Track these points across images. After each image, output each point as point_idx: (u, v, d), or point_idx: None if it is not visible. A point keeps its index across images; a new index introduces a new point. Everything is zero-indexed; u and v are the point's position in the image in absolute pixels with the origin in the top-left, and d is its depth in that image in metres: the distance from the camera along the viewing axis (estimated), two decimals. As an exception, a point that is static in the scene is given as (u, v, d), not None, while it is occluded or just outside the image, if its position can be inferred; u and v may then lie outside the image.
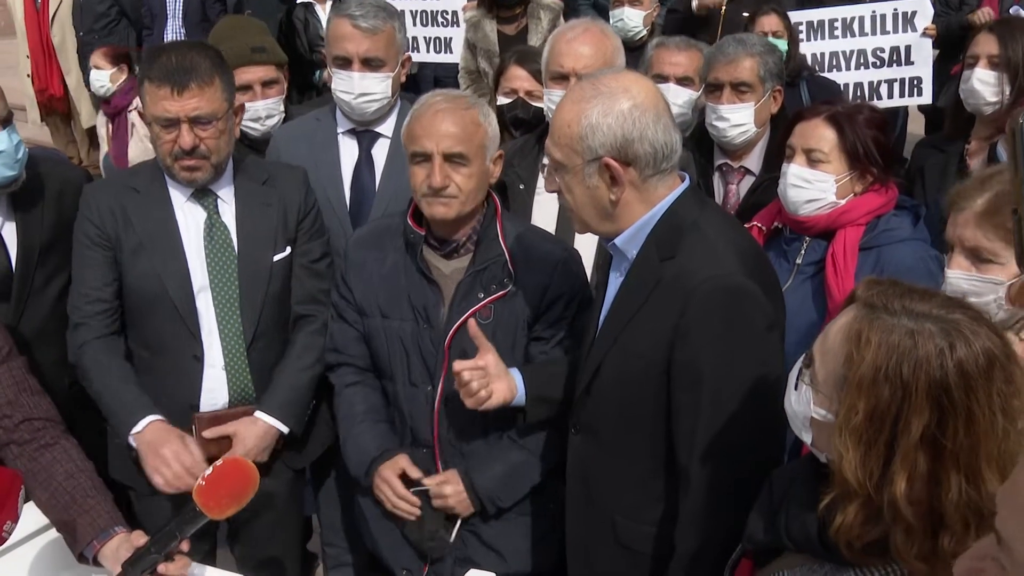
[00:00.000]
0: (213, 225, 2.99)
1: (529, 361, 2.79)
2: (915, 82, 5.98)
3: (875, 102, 5.60)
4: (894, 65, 5.99)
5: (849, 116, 2.92)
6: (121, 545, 2.35)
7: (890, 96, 6.00)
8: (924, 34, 5.96)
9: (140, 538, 2.35)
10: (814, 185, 2.91)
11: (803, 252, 3.02)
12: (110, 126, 7.02)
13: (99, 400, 2.95)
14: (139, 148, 6.38)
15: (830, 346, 1.69)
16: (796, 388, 1.76)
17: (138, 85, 2.95)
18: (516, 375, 2.66)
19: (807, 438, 1.76)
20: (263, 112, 3.83)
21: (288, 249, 3.08)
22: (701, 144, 3.85)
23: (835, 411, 1.65)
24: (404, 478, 2.82)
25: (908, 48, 5.96)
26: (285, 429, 3.06)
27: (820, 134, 2.92)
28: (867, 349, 1.60)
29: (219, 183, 3.01)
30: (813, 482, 1.78)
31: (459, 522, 2.85)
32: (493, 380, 2.60)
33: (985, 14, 6.17)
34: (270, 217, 3.05)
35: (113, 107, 6.92)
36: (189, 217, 2.98)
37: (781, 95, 3.77)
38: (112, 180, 3.15)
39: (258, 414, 3.03)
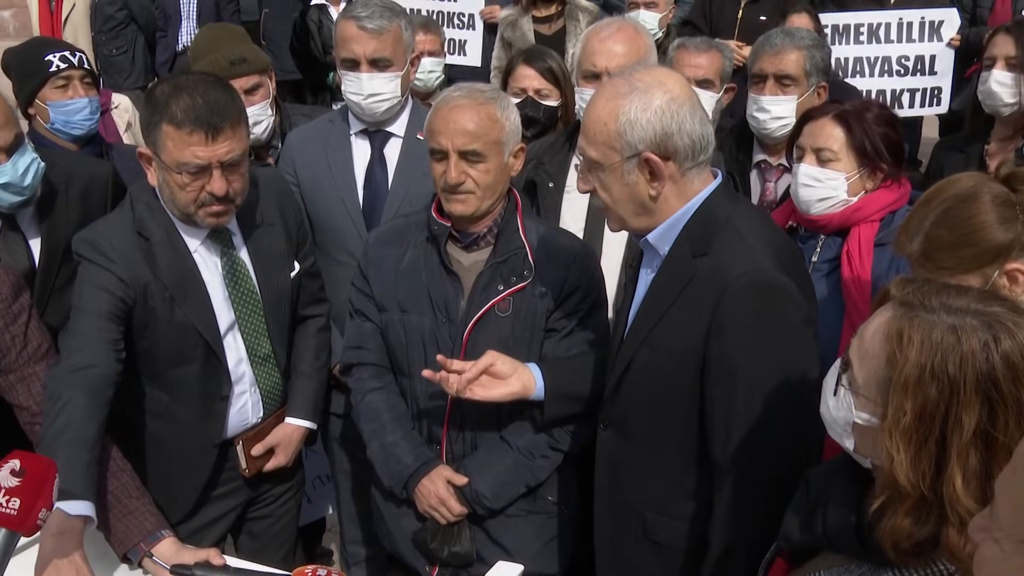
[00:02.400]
0: (232, 262, 2.90)
1: (543, 354, 2.78)
2: (935, 92, 5.99)
3: (895, 111, 5.61)
4: (917, 74, 6.00)
5: (857, 114, 2.94)
6: (180, 551, 2.38)
7: (911, 106, 6.01)
8: (949, 44, 5.95)
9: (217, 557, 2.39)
10: (825, 183, 2.93)
11: (818, 250, 3.03)
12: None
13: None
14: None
15: (868, 348, 1.66)
16: (835, 394, 1.74)
17: (146, 126, 2.69)
18: (535, 370, 2.66)
19: (849, 444, 1.74)
20: (249, 119, 3.74)
21: (297, 266, 3.10)
22: (741, 140, 3.84)
23: (880, 414, 1.62)
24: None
25: (933, 58, 5.96)
26: (314, 426, 3.18)
27: (828, 132, 2.94)
28: (910, 348, 1.58)
29: None
30: (851, 481, 1.77)
31: (468, 528, 2.85)
32: (501, 380, 2.62)
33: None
34: (277, 238, 3.02)
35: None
36: (207, 259, 2.86)
37: (826, 91, 3.74)
38: (116, 224, 2.81)
39: (290, 420, 3.12)
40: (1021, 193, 2.29)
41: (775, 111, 3.64)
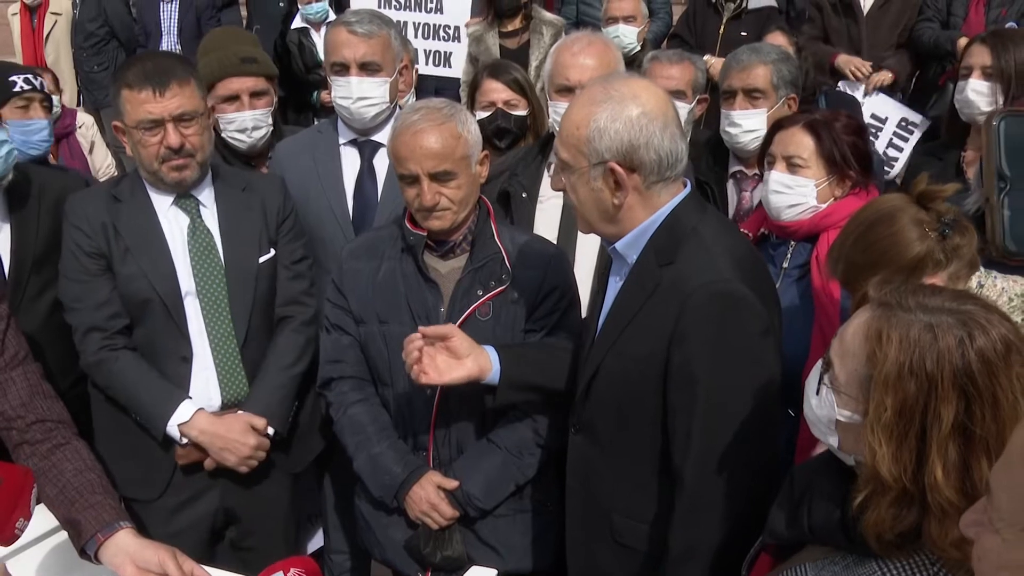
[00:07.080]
0: (196, 229, 3.04)
1: None
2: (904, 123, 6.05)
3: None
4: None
5: (826, 123, 3.00)
6: (128, 543, 2.32)
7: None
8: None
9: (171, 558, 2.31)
10: (795, 190, 2.99)
11: (789, 256, 3.09)
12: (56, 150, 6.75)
13: (133, 397, 3.03)
14: (101, 155, 6.38)
15: (849, 348, 1.70)
16: (817, 393, 1.77)
17: (113, 97, 2.99)
18: (492, 354, 2.65)
19: (833, 442, 1.77)
20: (250, 123, 3.69)
21: (272, 251, 3.14)
22: (716, 152, 3.90)
23: (862, 411, 1.66)
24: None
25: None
26: (262, 423, 3.09)
27: (799, 141, 3.00)
28: (889, 346, 1.61)
29: (199, 188, 3.06)
30: (835, 476, 1.80)
31: (459, 532, 2.86)
32: (458, 361, 2.60)
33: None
34: (253, 220, 3.11)
35: (62, 128, 6.37)
36: (173, 223, 3.03)
37: (796, 103, 3.80)
38: (95, 190, 3.19)
39: (241, 414, 3.08)
40: (932, 210, 2.37)
41: (745, 124, 3.70)
